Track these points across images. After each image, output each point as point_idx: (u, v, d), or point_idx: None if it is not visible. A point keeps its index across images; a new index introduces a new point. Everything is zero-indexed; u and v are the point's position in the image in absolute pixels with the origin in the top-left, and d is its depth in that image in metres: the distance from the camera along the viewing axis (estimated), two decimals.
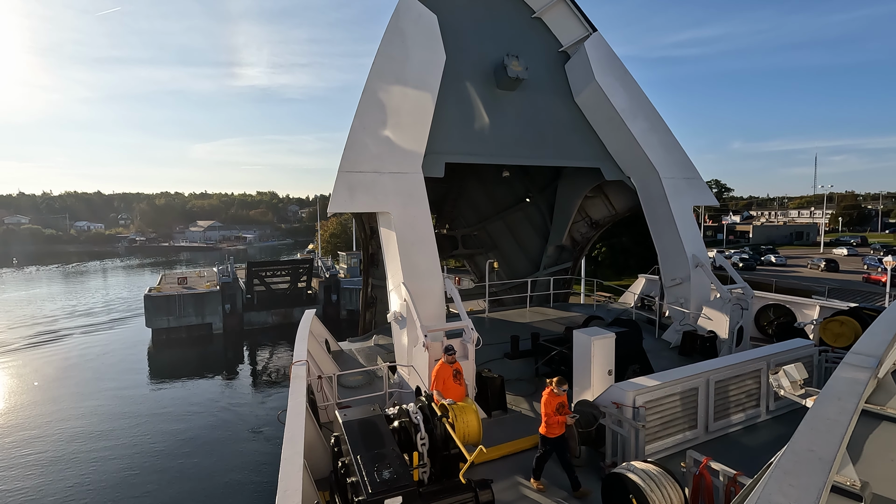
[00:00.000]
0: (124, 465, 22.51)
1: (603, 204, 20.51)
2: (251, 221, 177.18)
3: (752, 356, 9.51)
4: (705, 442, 8.34)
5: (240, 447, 24.36)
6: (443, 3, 13.43)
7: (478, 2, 14.47)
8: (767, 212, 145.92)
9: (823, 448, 2.54)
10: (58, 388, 31.71)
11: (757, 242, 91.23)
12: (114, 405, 28.98)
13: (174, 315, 42.93)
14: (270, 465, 21.14)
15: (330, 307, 48.68)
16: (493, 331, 15.60)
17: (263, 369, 37.27)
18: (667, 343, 14.65)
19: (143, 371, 35.99)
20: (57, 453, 23.60)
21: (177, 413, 28.04)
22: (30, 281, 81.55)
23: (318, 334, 12.37)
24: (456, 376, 8.35)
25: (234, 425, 26.67)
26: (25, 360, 37.43)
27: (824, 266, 60.56)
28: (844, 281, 51.37)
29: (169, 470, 22.17)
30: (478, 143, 14.01)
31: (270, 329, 46.16)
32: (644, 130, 15.29)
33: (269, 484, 19.48)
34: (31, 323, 48.63)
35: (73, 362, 37.03)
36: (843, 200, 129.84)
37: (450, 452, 6.18)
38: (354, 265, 52.44)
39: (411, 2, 12.41)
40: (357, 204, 11.11)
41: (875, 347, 3.52)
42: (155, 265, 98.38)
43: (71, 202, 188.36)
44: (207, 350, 41.24)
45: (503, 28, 14.75)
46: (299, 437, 5.82)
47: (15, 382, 32.80)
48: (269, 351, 41.67)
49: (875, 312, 12.29)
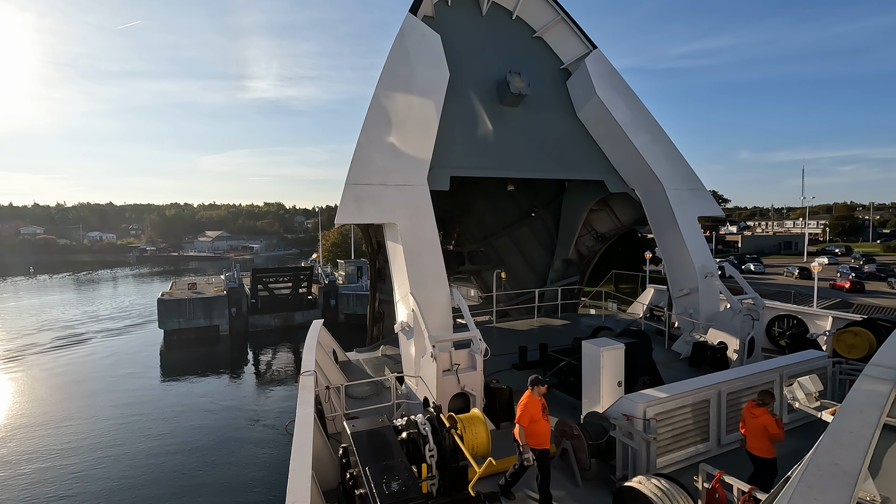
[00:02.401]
0: (134, 450, 24.51)
1: (608, 217, 20.58)
2: (258, 232, 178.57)
3: (764, 368, 9.38)
4: (718, 455, 8.20)
5: (243, 435, 26.30)
6: (446, 23, 13.93)
7: (480, 23, 14.93)
8: (765, 222, 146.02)
9: (847, 462, 2.47)
10: (85, 381, 34.78)
11: (746, 252, 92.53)
12: (129, 398, 31.48)
13: (184, 317, 45.52)
14: (268, 454, 23.80)
15: (329, 311, 51.08)
16: (500, 341, 15.51)
17: (266, 368, 39.60)
18: (676, 354, 14.49)
19: (156, 368, 38.72)
20: (85, 436, 26.00)
21: (184, 404, 30.60)
22: (48, 288, 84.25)
23: (325, 345, 12.35)
24: (544, 411, 7.26)
25: (238, 418, 28.75)
26: (54, 359, 40.10)
27: (798, 274, 64.78)
28: (811, 287, 53.54)
29: (177, 455, 24.12)
30: (482, 156, 14.21)
31: (273, 331, 48.98)
32: (646, 143, 15.42)
33: (266, 473, 21.49)
34: (59, 326, 51.31)
35: (96, 359, 40.38)
36: (838, 211, 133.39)
37: (458, 464, 6.11)
38: (352, 272, 55.99)
39: (416, 22, 12.75)
40: (364, 215, 11.19)
41: (895, 359, 3.45)
42: (165, 274, 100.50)
43: (84, 213, 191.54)
44: (215, 350, 43.93)
45: (505, 47, 15.16)
46: (307, 449, 5.78)
47: (46, 378, 35.73)
48: (272, 351, 44.00)
49: (889, 323, 12.10)
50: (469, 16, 14.80)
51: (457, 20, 14.45)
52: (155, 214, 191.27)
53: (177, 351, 42.84)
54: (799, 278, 63.01)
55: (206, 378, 36.03)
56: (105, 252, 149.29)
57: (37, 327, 50.99)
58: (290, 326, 49.19)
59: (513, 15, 15.42)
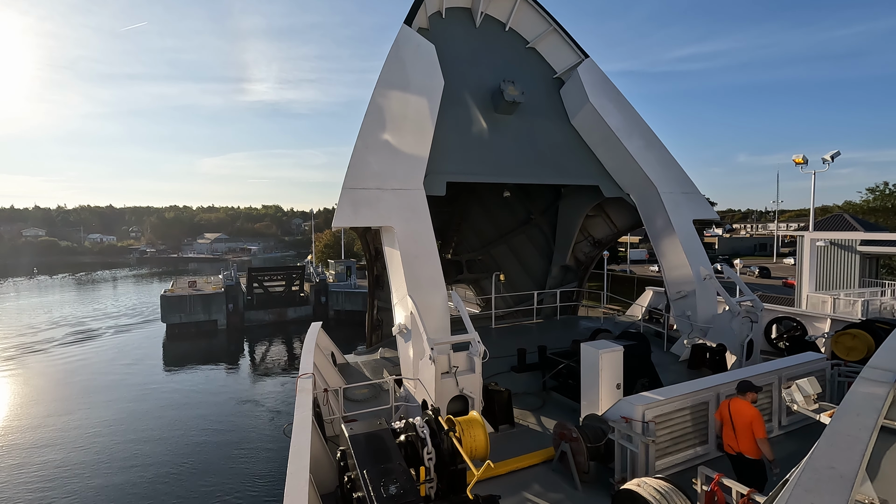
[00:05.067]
0: (136, 434, 26.31)
1: (604, 222, 20.75)
2: (256, 234, 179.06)
3: (763, 370, 9.37)
4: (716, 458, 8.19)
5: (239, 421, 28.10)
6: (441, 35, 14.18)
7: (474, 34, 15.20)
8: (751, 224, 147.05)
9: (844, 465, 2.47)
10: (96, 368, 38.06)
11: (722, 253, 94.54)
12: (135, 386, 34.08)
13: (185, 312, 48.94)
14: (260, 436, 25.47)
15: (319, 307, 55.15)
16: (499, 343, 15.50)
17: (261, 359, 42.64)
18: (675, 356, 14.48)
19: (159, 358, 41.73)
20: (101, 417, 28.47)
21: (184, 392, 33.25)
22: (55, 288, 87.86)
23: (324, 347, 12.34)
24: None
25: (234, 404, 30.98)
26: (72, 350, 43.44)
27: (758, 273, 70.05)
28: (765, 286, 57.44)
29: (175, 436, 26.05)
30: (478, 162, 14.39)
31: (267, 325, 52.50)
32: (640, 148, 15.61)
33: (261, 467, 22.31)
34: (72, 322, 54.87)
35: (106, 349, 44.01)
36: (820, 215, 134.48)
37: (457, 467, 6.09)
38: (341, 272, 60.57)
39: (410, 33, 12.96)
40: (361, 219, 11.28)
41: (893, 362, 3.45)
42: (165, 275, 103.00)
43: (84, 216, 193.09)
44: (213, 342, 47.30)
45: (499, 58, 15.44)
46: (305, 452, 5.76)
47: (63, 367, 38.78)
48: (266, 344, 47.20)
49: (888, 325, 12.10)
50: (463, 28, 15.09)
51: (451, 32, 14.72)
52: (154, 217, 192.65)
53: (178, 343, 46.14)
54: (759, 277, 68.69)
55: (204, 368, 38.91)
56: (106, 254, 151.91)
57: (53, 322, 54.70)
58: (283, 321, 53.11)
59: (506, 27, 15.72)
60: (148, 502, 19.68)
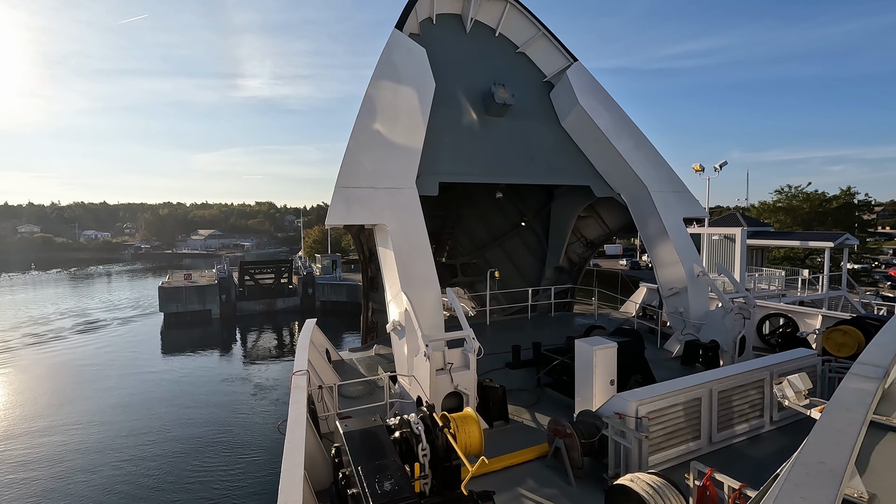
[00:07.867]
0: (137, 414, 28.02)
1: (596, 223, 20.98)
2: (249, 230, 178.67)
3: (755, 366, 9.44)
4: (709, 453, 8.26)
5: (231, 404, 29.77)
6: (431, 41, 14.33)
7: (464, 39, 15.39)
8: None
9: (833, 460, 2.50)
10: (101, 357, 40.41)
11: None
12: (136, 372, 36.21)
13: (181, 303, 52.21)
14: (250, 420, 26.78)
15: (306, 299, 58.48)
16: (494, 340, 15.56)
17: (252, 347, 45.53)
18: (668, 353, 14.59)
19: (157, 345, 44.92)
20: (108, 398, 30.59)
21: (180, 375, 35.79)
22: (53, 283, 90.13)
23: (318, 344, 12.33)
24: None
25: (226, 388, 33.07)
26: (77, 339, 46.10)
27: None
28: None
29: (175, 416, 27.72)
30: (470, 163, 14.53)
31: (258, 315, 55.90)
32: (629, 148, 15.81)
33: (248, 436, 23.56)
34: (75, 314, 57.94)
35: (110, 337, 47.06)
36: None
37: (451, 463, 6.11)
38: (327, 265, 64.23)
39: (401, 37, 13.06)
40: (354, 217, 11.33)
41: (882, 357, 3.49)
42: (159, 270, 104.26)
43: (79, 212, 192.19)
44: (207, 331, 50.43)
45: (489, 61, 15.64)
46: (300, 448, 5.77)
47: (67, 357, 40.83)
48: (256, 332, 50.33)
49: (878, 322, 12.24)
50: (454, 33, 15.25)
51: (442, 37, 14.88)
52: (149, 213, 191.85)
53: (174, 331, 49.59)
54: None
55: (199, 354, 41.98)
56: (101, 250, 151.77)
57: (59, 313, 58.13)
58: (272, 311, 56.86)
59: (496, 32, 15.88)
60: (139, 492, 19.89)
